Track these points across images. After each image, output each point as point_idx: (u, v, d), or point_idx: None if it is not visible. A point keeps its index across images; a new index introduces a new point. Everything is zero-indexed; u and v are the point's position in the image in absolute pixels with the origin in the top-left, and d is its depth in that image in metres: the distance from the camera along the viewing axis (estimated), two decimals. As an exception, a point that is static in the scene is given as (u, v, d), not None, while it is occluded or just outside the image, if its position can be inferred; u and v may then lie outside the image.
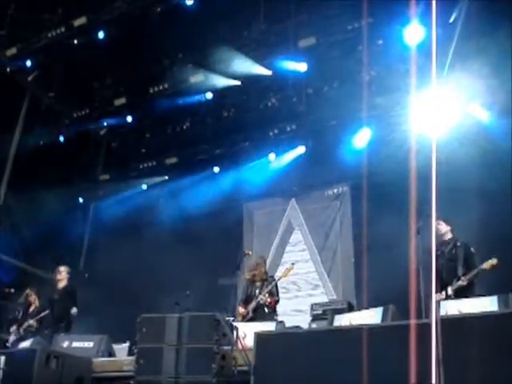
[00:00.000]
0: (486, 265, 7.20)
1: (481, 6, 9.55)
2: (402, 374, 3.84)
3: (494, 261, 7.19)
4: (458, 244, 7.53)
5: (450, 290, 7.29)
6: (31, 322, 9.30)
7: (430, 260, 7.21)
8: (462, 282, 7.28)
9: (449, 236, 7.68)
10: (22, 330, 9.25)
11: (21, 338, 9.00)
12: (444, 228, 7.65)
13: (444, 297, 7.30)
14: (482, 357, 3.63)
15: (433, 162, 3.74)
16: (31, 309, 9.59)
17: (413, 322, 3.97)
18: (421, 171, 4.29)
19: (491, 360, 3.63)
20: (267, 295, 8.66)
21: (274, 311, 8.77)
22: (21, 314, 9.60)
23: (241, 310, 8.71)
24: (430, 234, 7.40)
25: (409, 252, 7.33)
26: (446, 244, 7.64)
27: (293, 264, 9.48)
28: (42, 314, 9.37)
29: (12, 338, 9.25)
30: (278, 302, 8.85)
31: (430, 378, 3.32)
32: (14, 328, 9.36)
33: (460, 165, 9.44)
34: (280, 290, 9.18)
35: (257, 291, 8.84)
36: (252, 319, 8.54)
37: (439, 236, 7.63)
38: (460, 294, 7.19)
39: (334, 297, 11.48)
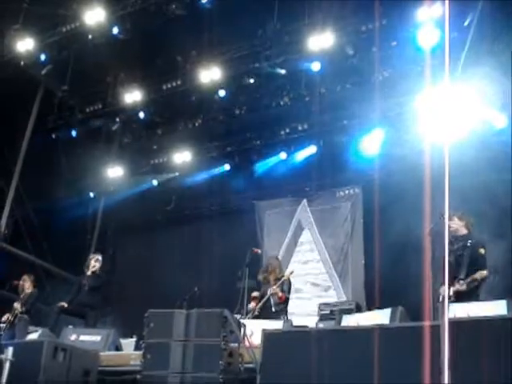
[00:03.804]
0: (478, 274, 7.01)
1: (495, 9, 9.52)
2: (412, 376, 3.83)
3: (483, 273, 7.01)
4: (468, 244, 7.17)
5: (451, 291, 7.10)
6: (15, 304, 9.36)
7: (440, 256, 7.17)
8: (461, 287, 7.05)
9: (463, 232, 7.35)
10: (11, 316, 9.31)
11: (11, 324, 9.13)
12: (455, 225, 7.35)
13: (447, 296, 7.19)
14: (491, 361, 3.61)
15: (446, 164, 3.70)
16: (22, 294, 9.65)
17: (426, 323, 3.95)
18: (433, 173, 4.28)
19: (501, 364, 3.61)
20: (278, 289, 8.62)
21: (282, 310, 8.69)
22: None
23: (252, 304, 8.68)
24: (442, 233, 7.35)
25: (420, 254, 7.30)
26: (458, 241, 7.30)
27: (291, 272, 9.30)
28: (24, 297, 9.45)
29: (3, 325, 9.32)
30: (287, 299, 8.77)
31: (440, 381, 3.30)
32: (5, 316, 9.41)
33: (473, 168, 9.39)
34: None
35: (268, 291, 8.76)
36: (257, 317, 8.52)
37: (451, 232, 7.28)
38: (461, 297, 6.91)
39: (344, 298, 11.44)
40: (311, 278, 12.14)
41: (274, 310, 8.61)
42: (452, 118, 10.66)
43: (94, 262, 9.59)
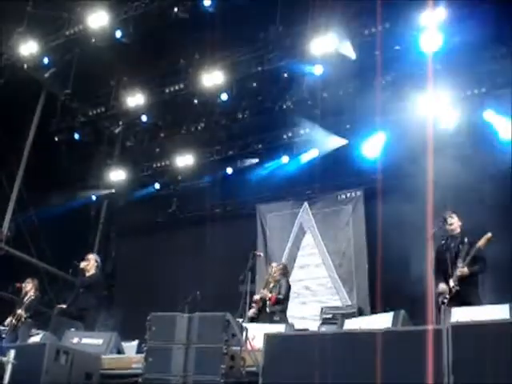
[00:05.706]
0: (481, 242, 7.13)
1: (496, 12, 9.53)
2: (414, 380, 3.82)
3: (488, 235, 7.09)
4: (465, 240, 7.33)
5: (451, 282, 7.19)
6: (19, 311, 9.34)
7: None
8: (463, 270, 7.18)
9: (457, 231, 7.50)
10: (14, 320, 9.28)
11: (14, 328, 9.11)
12: (455, 222, 7.54)
13: (448, 291, 7.24)
14: (494, 365, 3.61)
15: (449, 169, 3.72)
16: (25, 298, 9.63)
17: (429, 327, 3.95)
18: (436, 176, 4.29)
19: (503, 368, 3.61)
20: (266, 290, 8.70)
21: (278, 312, 8.69)
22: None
23: (252, 310, 8.73)
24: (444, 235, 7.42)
25: (423, 257, 7.31)
26: (454, 239, 7.46)
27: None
28: (27, 302, 9.43)
29: (6, 328, 9.29)
30: (281, 300, 8.76)
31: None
32: (8, 320, 9.39)
33: (475, 169, 9.38)
34: (291, 295, 9.15)
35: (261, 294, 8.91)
36: (255, 319, 8.58)
37: (449, 229, 7.47)
38: (463, 284, 7.03)
39: (348, 302, 11.40)
40: (314, 282, 12.11)
41: (268, 311, 8.66)
42: (454, 121, 10.70)
43: (83, 262, 9.60)
